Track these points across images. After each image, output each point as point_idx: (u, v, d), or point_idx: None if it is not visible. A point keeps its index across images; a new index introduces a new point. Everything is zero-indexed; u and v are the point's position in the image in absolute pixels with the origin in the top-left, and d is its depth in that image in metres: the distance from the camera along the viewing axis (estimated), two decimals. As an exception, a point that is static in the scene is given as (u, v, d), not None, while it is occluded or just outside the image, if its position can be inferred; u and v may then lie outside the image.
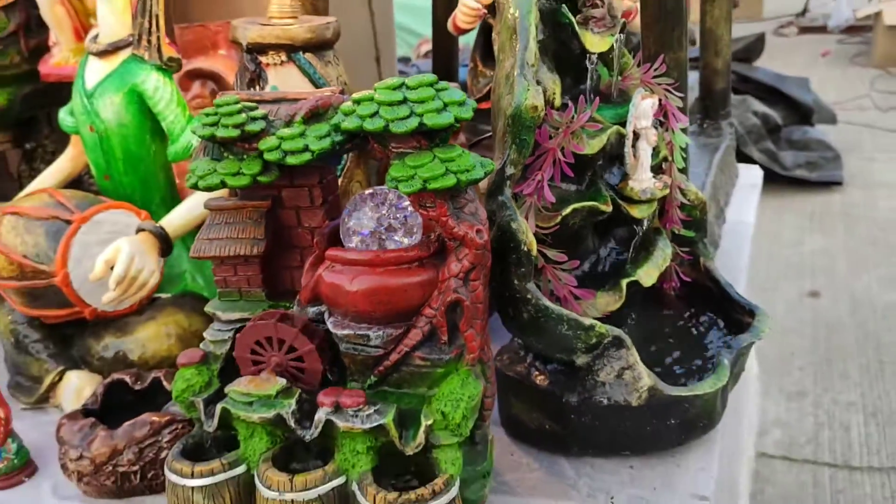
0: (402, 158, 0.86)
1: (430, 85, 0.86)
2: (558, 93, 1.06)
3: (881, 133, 6.46)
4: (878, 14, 8.55)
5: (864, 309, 3.96)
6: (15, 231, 1.23)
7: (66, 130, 1.43)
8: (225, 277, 1.00)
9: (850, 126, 6.50)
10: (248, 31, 1.26)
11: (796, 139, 5.55)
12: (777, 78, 5.76)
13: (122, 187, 1.35)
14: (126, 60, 1.30)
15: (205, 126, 0.93)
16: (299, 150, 0.90)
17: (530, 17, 0.99)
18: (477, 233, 0.87)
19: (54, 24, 1.62)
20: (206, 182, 0.93)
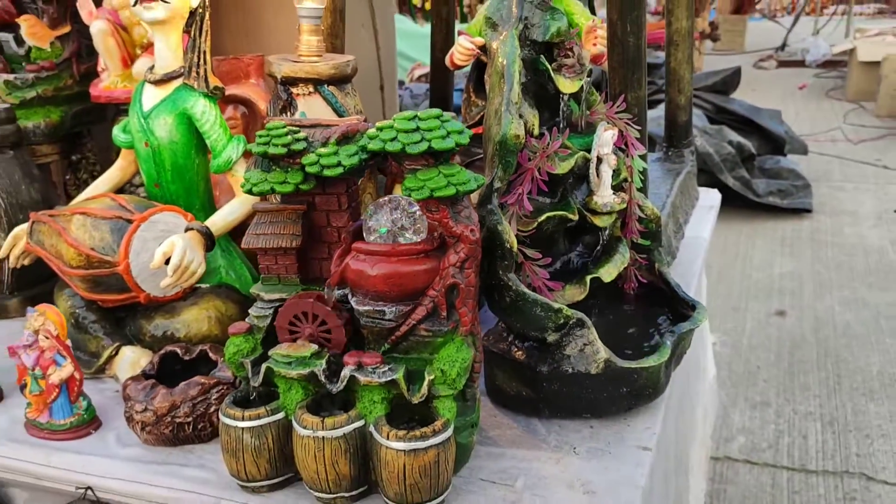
0: (414, 173, 1.11)
1: (436, 117, 1.12)
2: (537, 124, 1.32)
3: (850, 164, 6.77)
4: (852, 50, 8.92)
5: (826, 327, 4.23)
6: (84, 228, 1.47)
7: (119, 145, 1.67)
8: (268, 265, 1.25)
9: (821, 156, 6.82)
10: (281, 67, 1.52)
11: (769, 168, 5.85)
12: (752, 110, 6.07)
13: (169, 194, 1.60)
14: (178, 88, 1.55)
15: (259, 144, 1.18)
16: (334, 165, 1.15)
17: (515, 65, 1.25)
18: (471, 231, 1.12)
19: (105, 53, 1.87)
20: (259, 188, 1.18)
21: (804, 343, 4.12)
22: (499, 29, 1.32)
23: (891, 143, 7.28)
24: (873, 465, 3.20)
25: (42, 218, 1.57)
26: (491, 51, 1.32)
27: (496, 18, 1.33)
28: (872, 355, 3.95)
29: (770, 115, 6.08)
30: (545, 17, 1.33)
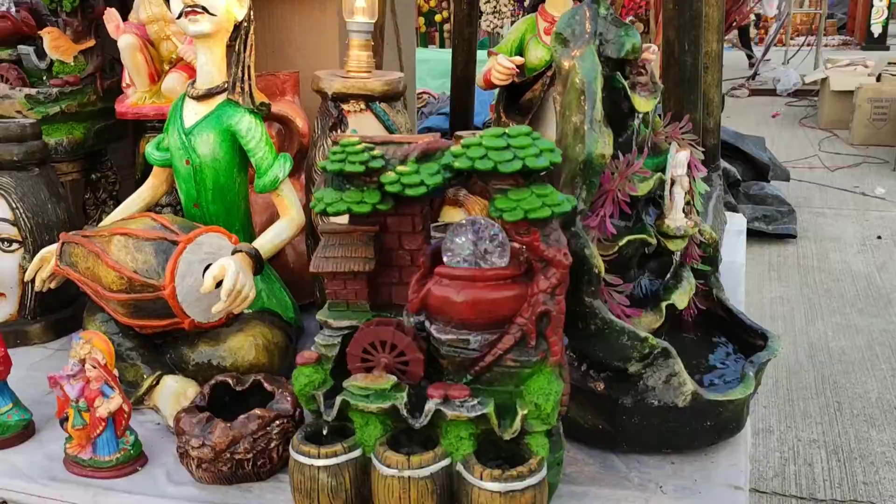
0: (504, 193, 1.04)
1: (527, 134, 1.05)
2: (611, 144, 1.25)
3: (829, 191, 6.81)
4: (824, 80, 9.02)
5: (821, 353, 4.20)
6: (125, 249, 1.37)
7: (153, 163, 1.58)
8: (336, 290, 1.17)
9: (801, 183, 6.86)
10: (332, 83, 1.44)
11: (754, 193, 5.85)
12: (736, 136, 6.09)
13: (208, 214, 1.51)
14: (222, 104, 1.47)
15: (333, 162, 1.10)
16: (416, 185, 1.07)
17: (597, 83, 1.19)
18: (564, 255, 1.05)
19: (133, 68, 1.78)
20: (334, 208, 1.10)
21: (801, 369, 4.08)
22: (570, 45, 1.25)
23: (866, 171, 7.35)
24: (881, 494, 3.15)
25: (75, 239, 1.47)
26: (562, 68, 1.25)
27: (567, 34, 1.26)
28: (870, 381, 3.92)
29: (754, 142, 6.10)
30: (619, 33, 1.27)
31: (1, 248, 1.60)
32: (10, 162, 1.58)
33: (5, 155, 1.58)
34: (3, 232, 1.59)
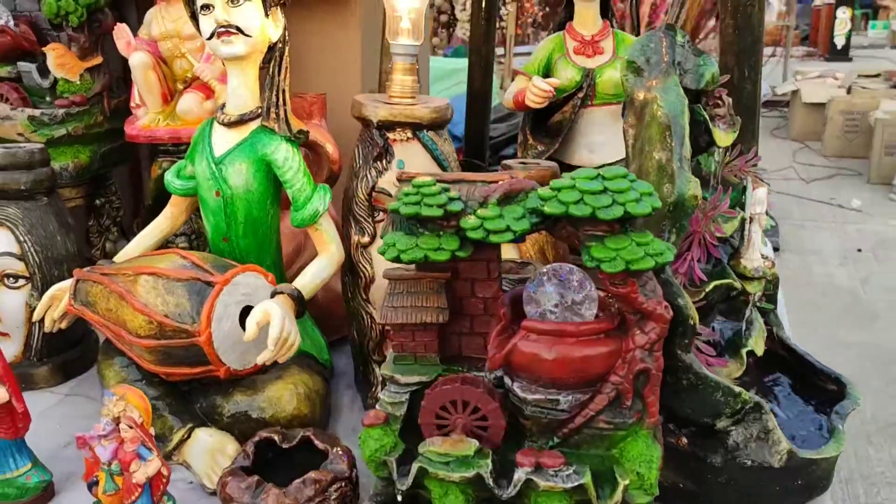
0: (601, 241, 0.94)
1: (623, 176, 0.95)
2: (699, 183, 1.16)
3: (807, 203, 6.84)
4: (795, 92, 9.09)
5: (814, 369, 4.17)
6: (155, 291, 1.25)
7: (173, 192, 1.46)
8: (403, 342, 1.06)
9: (780, 195, 6.87)
10: (378, 110, 1.34)
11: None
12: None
13: (238, 249, 1.39)
14: (255, 131, 1.35)
15: (408, 205, 0.99)
16: (502, 230, 0.97)
17: (684, 117, 1.10)
18: (665, 308, 0.96)
19: (145, 88, 1.66)
20: (410, 256, 0.99)
21: (794, 386, 4.04)
22: (645, 75, 1.16)
23: (841, 183, 7.40)
24: (885, 515, 3.12)
25: (92, 277, 1.35)
26: (636, 99, 1.16)
27: (640, 63, 1.17)
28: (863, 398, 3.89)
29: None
30: (698, 63, 1.18)
31: (6, 285, 1.47)
32: (17, 191, 1.45)
33: (12, 184, 1.44)
34: (8, 267, 1.46)
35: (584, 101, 1.79)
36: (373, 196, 1.35)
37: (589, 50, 1.81)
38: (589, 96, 1.79)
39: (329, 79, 1.84)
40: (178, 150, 1.67)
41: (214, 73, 1.64)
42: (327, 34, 1.83)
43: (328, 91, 1.76)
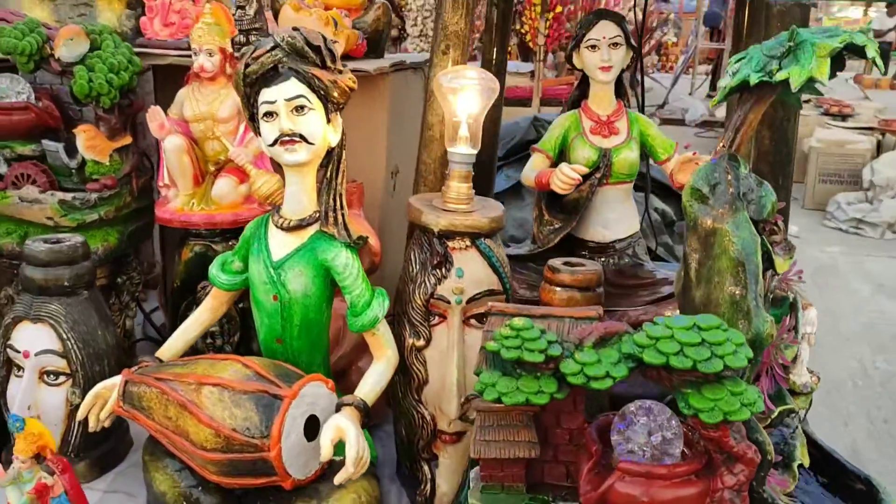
0: (697, 390, 0.99)
1: (718, 327, 1.01)
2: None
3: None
4: (733, 114, 9.35)
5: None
6: (221, 404, 1.26)
7: (218, 287, 1.46)
8: (491, 474, 1.10)
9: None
10: (439, 219, 1.36)
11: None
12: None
13: (291, 350, 1.40)
14: (314, 236, 1.36)
15: (510, 349, 1.03)
16: (602, 377, 1.01)
17: (757, 256, 1.15)
18: (755, 453, 1.01)
19: (178, 170, 1.65)
20: (512, 399, 1.03)
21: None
22: (711, 203, 1.21)
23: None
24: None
25: (146, 381, 1.34)
26: (702, 226, 1.21)
27: (705, 190, 1.22)
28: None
29: (685, 182, 6.25)
30: (760, 193, 1.24)
31: (46, 382, 1.44)
32: (61, 287, 1.43)
33: (55, 280, 1.42)
34: (49, 364, 1.43)
35: (601, 181, 1.83)
36: (430, 302, 1.38)
37: (605, 130, 1.86)
38: (605, 176, 1.83)
39: (354, 159, 1.85)
40: (212, 235, 1.66)
41: (249, 157, 1.63)
42: (355, 115, 1.84)
43: (352, 169, 1.77)
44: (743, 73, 1.22)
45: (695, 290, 1.22)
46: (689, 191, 1.25)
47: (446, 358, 1.39)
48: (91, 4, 1.88)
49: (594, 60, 1.83)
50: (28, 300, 1.43)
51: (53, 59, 1.65)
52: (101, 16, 1.86)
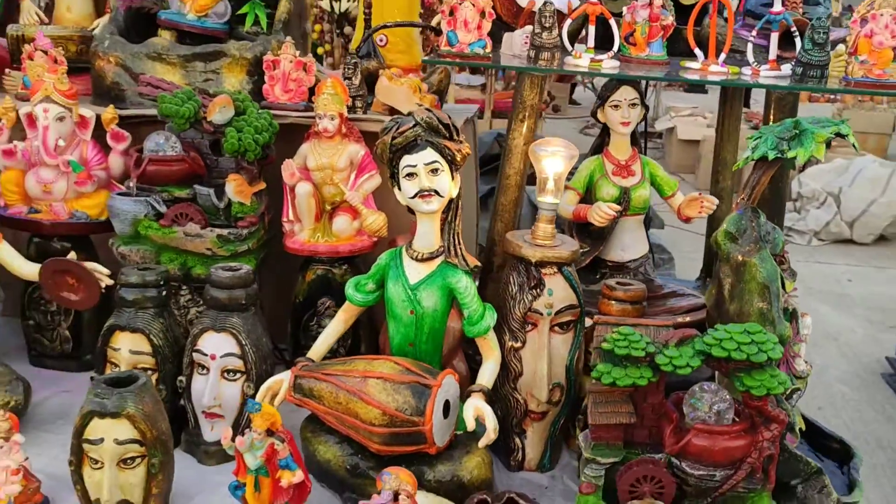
0: (749, 373, 1.48)
1: (761, 332, 1.49)
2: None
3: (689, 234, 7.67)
4: (671, 129, 10.02)
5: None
6: (385, 392, 1.69)
7: (354, 303, 1.88)
8: (600, 435, 1.56)
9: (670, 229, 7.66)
10: (535, 252, 1.82)
11: (640, 243, 6.55)
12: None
13: (420, 353, 1.84)
14: (442, 265, 1.80)
15: (620, 347, 1.50)
16: (684, 366, 1.49)
17: (777, 282, 1.65)
18: (784, 415, 1.50)
19: (305, 210, 2.07)
20: (623, 382, 1.50)
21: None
22: (739, 242, 1.71)
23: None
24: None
25: (316, 375, 1.77)
26: (734, 259, 1.70)
27: (736, 233, 1.71)
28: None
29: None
30: (774, 235, 1.74)
31: (226, 378, 1.85)
32: (239, 304, 1.84)
33: (235, 299, 1.83)
34: (230, 364, 1.84)
35: (621, 213, 2.31)
36: (527, 314, 1.84)
37: (624, 172, 2.33)
38: (625, 209, 2.31)
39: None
40: (331, 261, 2.10)
41: (360, 199, 2.07)
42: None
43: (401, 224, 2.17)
44: (761, 149, 1.72)
45: (728, 304, 1.72)
46: (723, 233, 1.74)
47: (537, 356, 1.85)
48: (217, 71, 2.28)
49: (616, 117, 2.29)
50: (213, 314, 1.84)
51: (206, 122, 2.05)
52: (226, 81, 2.27)
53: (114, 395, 1.56)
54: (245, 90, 2.26)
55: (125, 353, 1.84)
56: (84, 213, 2.14)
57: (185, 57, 2.28)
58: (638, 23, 2.18)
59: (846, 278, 4.43)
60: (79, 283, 1.89)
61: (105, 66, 2.29)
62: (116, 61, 2.29)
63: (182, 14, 2.36)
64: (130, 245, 2.05)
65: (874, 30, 1.88)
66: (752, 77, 2.05)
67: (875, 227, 5.15)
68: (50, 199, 2.14)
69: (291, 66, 2.23)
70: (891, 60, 1.86)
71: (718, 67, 2.07)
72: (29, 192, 2.15)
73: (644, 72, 2.17)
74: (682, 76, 2.11)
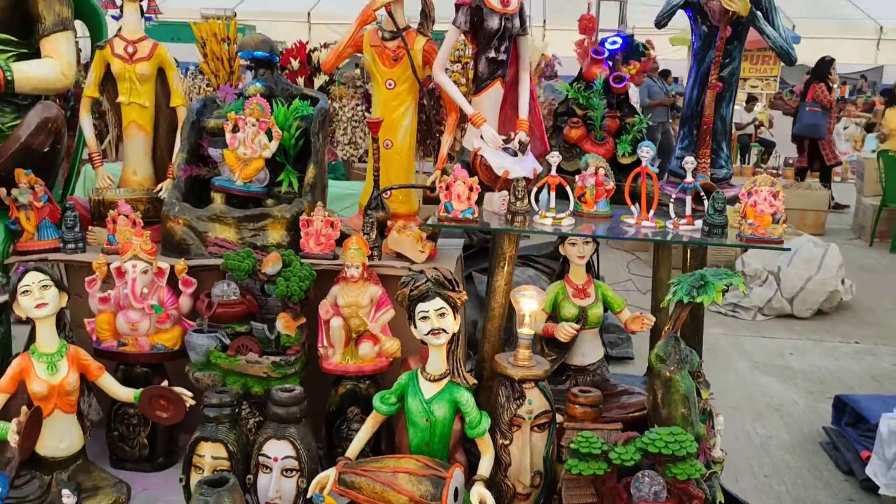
0: (675, 463, 2.05)
1: (684, 434, 2.07)
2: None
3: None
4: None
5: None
6: (411, 483, 2.23)
7: (379, 412, 2.43)
8: (571, 512, 2.12)
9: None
10: (518, 371, 2.39)
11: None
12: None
13: (433, 451, 2.38)
14: (449, 384, 2.36)
15: (585, 448, 2.06)
16: (629, 460, 2.06)
17: (693, 393, 2.23)
18: (700, 493, 2.07)
19: (337, 339, 2.63)
20: (587, 472, 2.06)
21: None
22: (667, 363, 2.29)
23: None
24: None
25: (355, 471, 2.31)
26: (662, 374, 2.28)
27: (663, 355, 2.30)
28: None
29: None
30: (692, 357, 2.33)
31: (285, 476, 2.37)
32: (294, 418, 2.38)
33: (292, 414, 2.37)
34: (289, 465, 2.37)
35: (580, 328, 2.89)
36: (513, 419, 2.40)
37: (581, 294, 2.92)
38: (583, 324, 2.89)
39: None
40: (358, 378, 2.65)
41: (379, 328, 2.64)
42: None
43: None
44: (679, 295, 2.32)
45: (661, 409, 2.29)
46: (655, 356, 2.33)
47: (522, 451, 2.41)
48: (263, 228, 2.86)
49: (574, 252, 2.89)
50: (275, 426, 2.38)
51: (261, 273, 2.62)
52: (270, 236, 2.85)
53: (214, 494, 2.08)
54: (285, 242, 2.84)
55: (208, 458, 2.36)
56: (162, 345, 2.68)
57: (237, 218, 2.86)
58: (587, 187, 2.81)
59: (788, 351, 4.80)
60: (169, 403, 2.41)
61: (175, 227, 2.86)
62: (184, 222, 2.86)
63: (231, 181, 2.94)
64: (203, 371, 2.58)
65: (756, 201, 2.51)
66: (673, 229, 2.67)
67: (813, 302, 5.53)
68: (136, 335, 2.68)
69: (322, 224, 2.82)
70: (770, 223, 2.48)
71: (649, 223, 2.69)
72: (119, 329, 2.69)
73: (593, 224, 2.78)
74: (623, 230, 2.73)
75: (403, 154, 3.11)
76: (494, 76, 2.93)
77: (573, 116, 3.10)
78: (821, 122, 9.12)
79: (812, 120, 9.16)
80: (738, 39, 2.77)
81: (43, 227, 2.88)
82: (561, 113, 3.18)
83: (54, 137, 2.89)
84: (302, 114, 3.02)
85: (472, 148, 3.04)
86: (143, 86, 3.07)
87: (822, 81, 9.29)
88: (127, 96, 3.07)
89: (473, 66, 2.99)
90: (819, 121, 9.11)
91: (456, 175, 2.65)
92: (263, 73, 3.13)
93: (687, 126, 2.93)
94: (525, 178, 2.82)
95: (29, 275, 2.32)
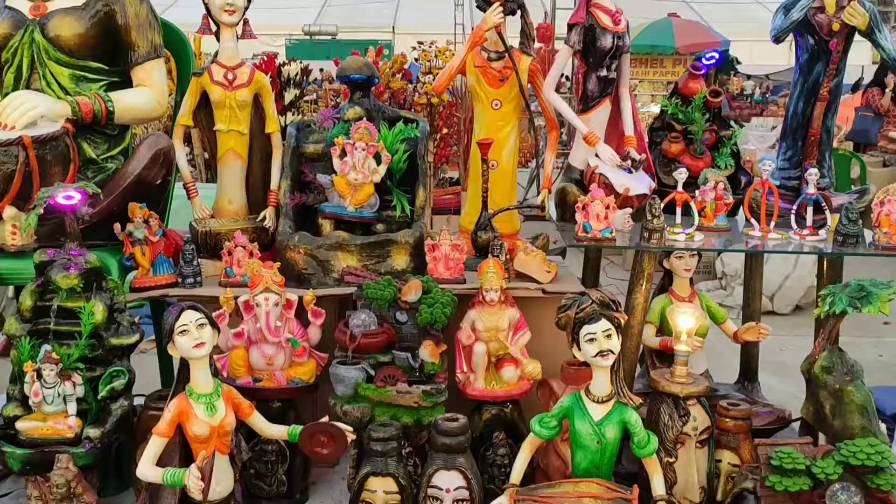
0: (875, 473, 2.02)
1: (879, 444, 2.04)
2: (859, 424, 2.27)
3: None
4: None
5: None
6: (597, 507, 2.16)
7: (539, 436, 2.34)
8: (771, 527, 2.07)
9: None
10: (683, 389, 2.33)
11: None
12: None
13: (602, 472, 2.31)
14: (616, 405, 2.29)
15: (788, 464, 2.01)
16: (832, 473, 2.02)
17: (872, 405, 2.21)
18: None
19: (480, 364, 2.54)
20: (792, 488, 2.01)
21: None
22: (834, 374, 2.26)
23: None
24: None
25: (533, 498, 2.22)
26: (830, 386, 2.26)
27: (830, 366, 2.27)
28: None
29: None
30: (857, 364, 2.30)
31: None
32: (461, 447, 2.28)
33: (460, 443, 2.27)
34: (460, 496, 2.26)
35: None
36: (678, 437, 2.34)
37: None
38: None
39: (561, 355, 2.73)
40: (503, 402, 2.55)
41: (518, 351, 2.55)
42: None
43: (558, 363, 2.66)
44: (839, 306, 2.30)
45: (832, 421, 2.27)
46: (820, 368, 2.30)
47: (687, 468, 2.35)
48: (387, 254, 2.74)
49: (680, 265, 2.86)
50: (443, 457, 2.27)
51: (402, 301, 2.50)
52: (393, 261, 2.73)
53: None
54: (409, 268, 2.73)
55: (380, 493, 2.24)
56: (299, 379, 2.54)
57: (361, 245, 2.73)
58: (707, 201, 2.78)
59: (779, 348, 4.75)
60: (330, 440, 2.28)
61: (296, 256, 2.71)
62: (305, 251, 2.72)
63: (343, 207, 2.81)
64: (351, 404, 2.45)
65: (890, 210, 2.51)
66: (798, 239, 2.66)
67: (792, 298, 5.66)
68: (272, 370, 2.53)
69: (449, 248, 2.71)
70: (904, 230, 2.50)
71: (775, 235, 2.67)
72: (253, 364, 2.53)
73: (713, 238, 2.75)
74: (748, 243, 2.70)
75: (508, 174, 3.04)
76: (605, 94, 2.89)
77: (671, 131, 3.08)
78: (870, 127, 8.85)
79: (862, 125, 8.97)
80: (846, 52, 2.77)
81: (158, 262, 2.70)
82: (657, 128, 3.15)
83: (167, 169, 2.72)
84: (406, 136, 2.91)
85: (584, 166, 2.98)
86: (241, 112, 2.91)
87: (878, 86, 8.86)
88: (226, 124, 2.90)
89: (582, 84, 2.94)
90: (869, 126, 8.87)
91: (593, 195, 2.59)
92: (360, 96, 3.01)
93: (791, 137, 2.92)
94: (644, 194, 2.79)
95: (185, 314, 2.16)
